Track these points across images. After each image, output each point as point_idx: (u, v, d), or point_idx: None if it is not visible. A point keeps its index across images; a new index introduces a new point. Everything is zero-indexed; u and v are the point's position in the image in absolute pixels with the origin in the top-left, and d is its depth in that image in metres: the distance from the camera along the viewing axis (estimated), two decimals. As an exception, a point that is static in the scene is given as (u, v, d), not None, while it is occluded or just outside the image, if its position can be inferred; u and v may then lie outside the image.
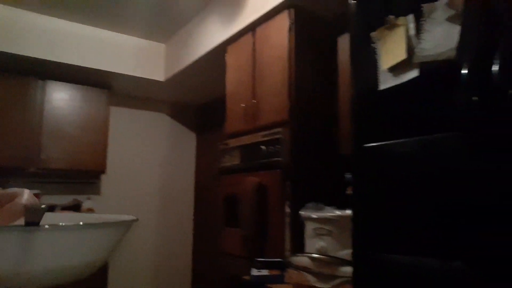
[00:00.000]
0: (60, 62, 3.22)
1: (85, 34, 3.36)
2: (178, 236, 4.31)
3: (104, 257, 0.46)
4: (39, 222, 0.42)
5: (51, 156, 3.33)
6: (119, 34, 3.53)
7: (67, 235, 0.42)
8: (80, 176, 3.72)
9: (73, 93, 3.53)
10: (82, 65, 3.31)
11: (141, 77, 3.63)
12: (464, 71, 0.91)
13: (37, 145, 3.28)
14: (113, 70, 3.46)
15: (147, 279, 4.09)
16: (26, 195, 0.53)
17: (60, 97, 3.46)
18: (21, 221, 0.48)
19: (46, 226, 0.42)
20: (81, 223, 0.46)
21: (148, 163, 4.25)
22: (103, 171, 3.64)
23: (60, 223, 0.44)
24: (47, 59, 3.15)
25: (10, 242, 0.38)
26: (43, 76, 3.38)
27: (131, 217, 0.49)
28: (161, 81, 3.72)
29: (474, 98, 0.91)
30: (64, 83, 3.48)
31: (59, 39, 3.23)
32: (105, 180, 3.92)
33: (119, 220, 0.47)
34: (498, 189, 0.86)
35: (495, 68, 0.86)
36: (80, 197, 3.64)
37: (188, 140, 4.58)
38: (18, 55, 3.05)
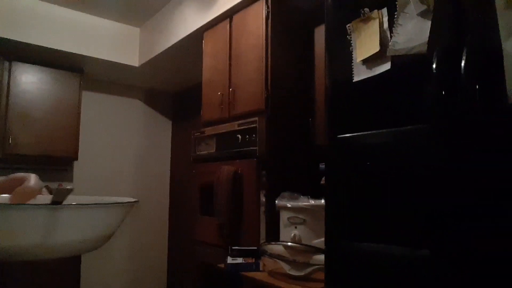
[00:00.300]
0: (28, 43, 3.07)
1: (57, 15, 3.21)
2: (153, 225, 4.28)
3: (113, 230, 0.55)
4: (62, 202, 0.50)
5: (19, 142, 3.21)
6: (93, 16, 3.40)
7: (85, 213, 0.50)
8: (51, 163, 3.60)
9: (43, 76, 3.39)
10: (52, 47, 3.17)
11: (115, 62, 3.53)
12: (434, 66, 0.93)
13: (3, 129, 3.15)
14: (85, 54, 3.34)
15: (122, 268, 4.06)
16: (33, 179, 0.58)
17: (29, 80, 3.31)
18: (32, 202, 0.57)
19: (69, 205, 0.50)
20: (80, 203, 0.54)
21: (122, 151, 4.17)
22: (75, 157, 3.55)
23: (73, 203, 0.51)
24: (14, 39, 3.00)
25: (38, 218, 0.45)
26: (9, 57, 3.22)
27: (134, 199, 0.57)
28: (135, 67, 3.63)
29: (443, 92, 0.93)
30: (32, 65, 3.34)
31: (28, 18, 3.08)
32: (78, 167, 3.82)
33: (126, 201, 0.55)
34: (466, 181, 0.90)
35: (462, 63, 0.88)
36: (51, 185, 3.53)
37: (164, 128, 4.52)
38: (-18, 34, 2.90)
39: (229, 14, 2.48)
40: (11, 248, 0.45)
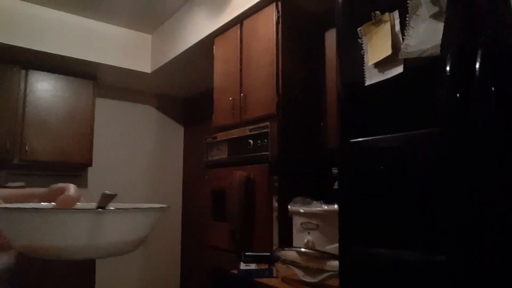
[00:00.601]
0: (43, 52, 3.14)
1: (70, 23, 3.28)
2: (166, 230, 4.30)
3: (147, 233, 0.59)
4: (105, 206, 0.55)
5: (35, 148, 3.27)
6: (105, 24, 3.46)
7: (124, 216, 0.55)
8: (65, 169, 3.66)
9: (57, 83, 3.45)
10: (66, 55, 3.24)
11: (127, 68, 3.57)
12: (447, 68, 0.92)
13: (20, 137, 3.22)
14: (98, 61, 3.40)
15: (135, 273, 4.09)
16: (72, 188, 0.64)
17: (44, 88, 3.38)
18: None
19: (111, 209, 0.55)
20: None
21: (135, 156, 4.21)
22: (89, 163, 3.59)
23: (111, 208, 0.56)
24: (30, 48, 3.07)
25: (86, 221, 0.50)
26: (26, 66, 3.29)
27: (165, 205, 0.61)
28: (147, 73, 3.67)
29: (457, 94, 0.92)
30: (47, 73, 3.40)
31: (43, 27, 3.15)
32: (92, 173, 3.87)
33: (159, 206, 0.59)
34: (480, 184, 0.88)
35: (477, 65, 0.87)
36: (66, 191, 3.59)
37: (176, 133, 4.55)
38: (0, 43, 2.96)
39: (239, 19, 2.49)
40: (61, 248, 0.50)
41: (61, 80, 3.47)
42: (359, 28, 1.19)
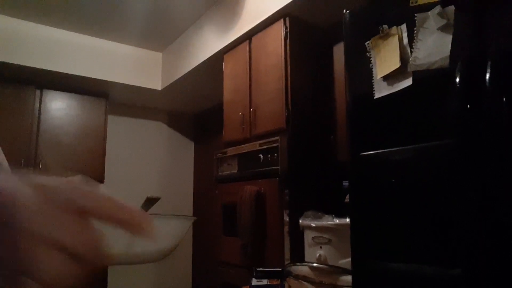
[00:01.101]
0: (57, 72, 3.22)
1: (82, 43, 3.37)
2: (178, 245, 4.28)
3: (180, 241, 0.59)
4: (147, 210, 0.55)
5: (49, 165, 3.32)
6: (116, 43, 3.55)
7: (163, 222, 0.55)
8: (78, 186, 3.70)
9: (70, 102, 3.53)
10: (79, 74, 3.31)
11: (138, 86, 3.64)
12: (457, 79, 0.92)
13: (34, 154, 3.28)
14: (110, 79, 3.47)
15: (147, 289, 4.07)
16: None
17: (58, 106, 3.46)
18: None
19: (154, 214, 0.53)
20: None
21: (146, 172, 4.24)
22: (101, 180, 3.63)
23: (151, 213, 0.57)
24: (45, 68, 3.16)
25: None
26: (40, 86, 3.38)
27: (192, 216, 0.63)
28: (158, 90, 3.73)
29: (468, 105, 0.92)
30: (61, 92, 3.48)
31: (56, 48, 3.24)
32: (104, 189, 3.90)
33: (191, 216, 0.61)
34: (495, 196, 0.87)
35: (487, 76, 0.87)
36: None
37: (186, 149, 4.58)
38: (16, 64, 3.05)
39: (248, 36, 2.52)
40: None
41: (74, 98, 3.54)
42: (367, 42, 1.20)
